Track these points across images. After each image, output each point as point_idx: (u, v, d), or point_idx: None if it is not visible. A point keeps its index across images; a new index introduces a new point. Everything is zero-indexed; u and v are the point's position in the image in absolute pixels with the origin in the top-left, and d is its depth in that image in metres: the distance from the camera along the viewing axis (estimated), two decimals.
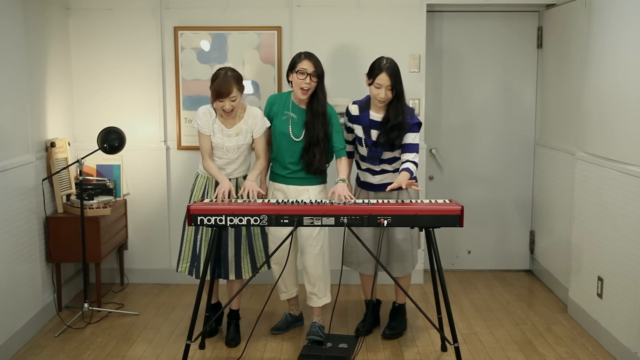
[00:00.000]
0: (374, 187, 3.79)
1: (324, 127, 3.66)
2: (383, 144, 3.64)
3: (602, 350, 3.71)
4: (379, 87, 3.55)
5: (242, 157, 3.76)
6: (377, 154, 3.68)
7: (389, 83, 3.53)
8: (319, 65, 3.62)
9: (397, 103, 3.59)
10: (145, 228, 4.85)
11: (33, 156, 3.99)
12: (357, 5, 4.67)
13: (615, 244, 3.60)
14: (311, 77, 3.60)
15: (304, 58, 3.62)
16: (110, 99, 4.73)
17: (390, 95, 3.57)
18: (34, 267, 3.99)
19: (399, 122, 3.58)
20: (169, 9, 4.68)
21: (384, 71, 3.52)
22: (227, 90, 3.53)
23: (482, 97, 5.07)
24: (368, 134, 3.69)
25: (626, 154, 3.49)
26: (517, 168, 5.14)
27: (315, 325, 3.83)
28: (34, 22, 4.07)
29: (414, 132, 3.63)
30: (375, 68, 3.57)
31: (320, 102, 3.65)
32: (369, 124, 3.68)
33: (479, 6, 4.87)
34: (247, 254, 3.78)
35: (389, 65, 3.54)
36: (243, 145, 3.71)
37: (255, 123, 3.70)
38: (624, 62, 3.52)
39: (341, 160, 3.72)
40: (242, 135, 3.69)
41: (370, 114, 3.68)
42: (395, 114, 3.58)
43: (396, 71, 3.55)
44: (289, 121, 3.70)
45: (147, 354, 3.69)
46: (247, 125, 3.69)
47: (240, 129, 3.69)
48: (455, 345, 3.37)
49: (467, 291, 4.76)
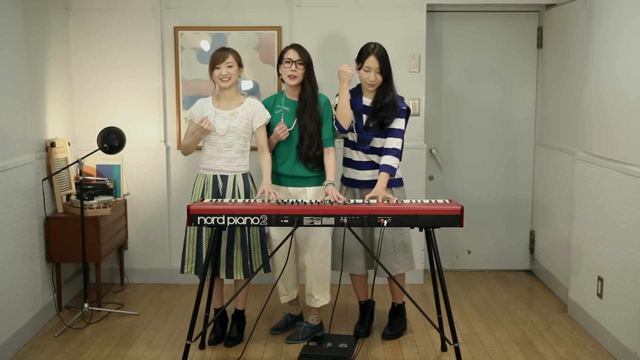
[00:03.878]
0: (359, 184, 3.79)
1: (313, 114, 3.68)
2: (373, 127, 3.67)
3: (602, 350, 3.71)
4: (368, 70, 3.62)
5: (235, 146, 3.68)
6: (368, 137, 3.69)
7: (378, 66, 3.60)
8: (304, 54, 3.68)
9: (386, 85, 3.66)
10: (145, 228, 4.85)
11: (33, 156, 3.99)
12: (357, 5, 4.67)
13: (615, 244, 3.60)
14: (297, 65, 3.65)
15: (290, 47, 3.71)
16: (110, 99, 4.73)
17: (379, 78, 3.63)
18: (34, 267, 3.99)
19: (387, 102, 3.63)
20: (169, 9, 4.68)
21: (372, 54, 3.60)
22: (223, 55, 3.63)
23: (482, 97, 5.07)
24: (360, 117, 3.72)
25: (626, 154, 3.49)
26: (517, 168, 5.14)
27: (302, 325, 3.84)
28: (34, 22, 4.07)
29: (401, 117, 3.67)
30: (363, 52, 3.65)
31: (307, 91, 3.68)
32: (360, 108, 3.72)
33: (479, 6, 4.87)
34: (240, 254, 3.71)
35: (377, 49, 3.62)
36: (236, 129, 3.65)
37: (255, 112, 3.68)
38: (623, 62, 3.52)
39: (328, 152, 3.72)
40: (238, 119, 3.65)
41: (363, 100, 3.73)
42: (383, 95, 3.65)
43: (384, 55, 3.63)
44: (281, 114, 3.74)
45: (147, 354, 3.69)
46: (245, 111, 3.67)
47: (237, 113, 3.66)
48: (455, 345, 3.37)
49: (467, 291, 4.76)
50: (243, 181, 3.72)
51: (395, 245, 3.77)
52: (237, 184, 3.70)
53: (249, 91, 4.72)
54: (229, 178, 3.69)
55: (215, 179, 3.69)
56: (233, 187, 3.68)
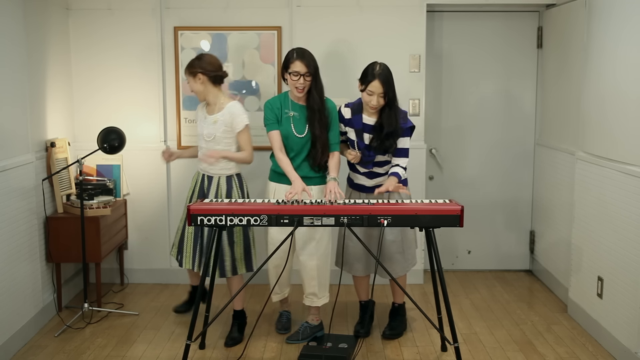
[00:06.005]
0: (365, 189, 3.81)
1: (321, 121, 3.67)
2: (376, 148, 3.65)
3: (602, 350, 3.72)
4: (371, 94, 3.54)
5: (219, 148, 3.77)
6: (370, 158, 3.69)
7: (382, 90, 3.52)
8: (311, 64, 3.61)
9: (390, 110, 3.58)
10: (145, 228, 4.85)
11: (33, 156, 3.99)
12: (357, 5, 4.67)
13: (615, 244, 3.60)
14: (304, 77, 3.60)
15: (295, 59, 3.60)
16: (110, 99, 4.73)
17: (382, 102, 3.57)
18: (34, 267, 3.99)
19: (393, 130, 3.59)
20: (169, 9, 4.68)
21: (377, 78, 3.50)
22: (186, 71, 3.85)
23: (482, 97, 5.07)
24: (361, 137, 3.69)
25: (626, 154, 3.49)
26: (517, 168, 5.14)
27: (302, 325, 3.84)
28: (34, 22, 4.07)
29: (406, 136, 3.65)
30: (368, 74, 3.55)
31: (314, 99, 3.66)
32: (361, 127, 3.69)
33: (479, 6, 4.88)
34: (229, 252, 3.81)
35: (381, 72, 3.52)
36: (215, 135, 3.76)
37: (233, 119, 3.74)
38: (623, 62, 3.52)
39: (333, 155, 3.73)
40: (217, 125, 3.76)
41: (363, 118, 3.69)
42: (389, 122, 3.59)
43: (389, 78, 3.53)
44: (290, 120, 3.71)
45: (147, 354, 3.69)
46: (224, 118, 3.75)
47: (217, 119, 3.75)
48: (455, 345, 3.37)
49: (467, 291, 4.76)
50: (226, 183, 3.81)
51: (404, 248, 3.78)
52: (220, 185, 3.81)
53: (249, 91, 4.72)
54: (214, 179, 3.82)
55: (204, 179, 3.85)
56: (217, 188, 3.80)
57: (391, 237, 3.76)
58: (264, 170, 4.04)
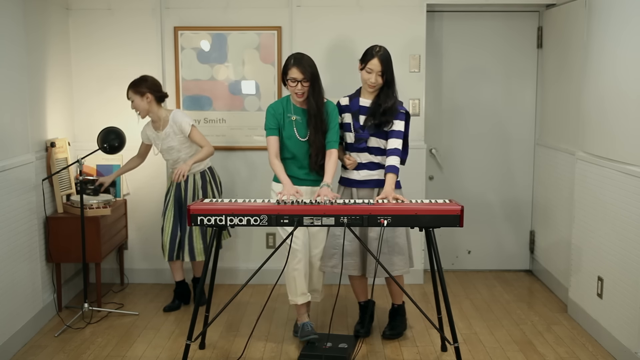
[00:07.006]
0: (354, 184, 3.78)
1: (317, 126, 3.68)
2: (370, 126, 3.69)
3: (602, 350, 3.72)
4: (370, 71, 3.64)
5: (181, 156, 4.20)
6: (364, 135, 3.71)
7: (380, 68, 3.62)
8: (307, 70, 3.59)
9: (388, 89, 3.69)
10: (145, 228, 4.85)
11: (33, 156, 3.99)
12: (357, 5, 4.67)
13: (615, 244, 3.60)
14: (302, 83, 3.61)
15: (292, 65, 3.60)
16: (110, 99, 4.73)
17: (380, 80, 3.65)
18: (34, 267, 3.99)
19: (390, 106, 3.65)
20: (169, 9, 4.68)
21: (376, 57, 3.63)
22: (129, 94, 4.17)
23: (482, 97, 5.07)
24: (356, 118, 3.74)
25: (626, 154, 3.49)
26: (517, 168, 5.14)
27: (307, 324, 3.83)
28: (34, 22, 4.07)
29: (401, 119, 3.69)
30: (367, 54, 3.68)
31: (311, 105, 3.66)
32: (357, 109, 3.75)
33: (479, 6, 4.88)
34: (187, 239, 4.25)
35: (381, 53, 3.65)
36: (173, 147, 4.18)
37: (179, 126, 4.12)
38: (623, 62, 3.52)
39: (330, 154, 3.68)
40: (170, 138, 4.15)
41: (360, 100, 3.76)
42: (385, 98, 3.67)
43: (388, 58, 3.66)
44: (292, 124, 3.72)
45: (147, 354, 3.69)
46: (172, 129, 4.14)
47: (168, 133, 4.15)
48: (455, 345, 3.37)
49: (467, 291, 4.76)
50: (201, 179, 4.25)
51: (389, 246, 3.76)
52: (196, 182, 4.24)
53: (249, 91, 4.72)
54: (189, 178, 4.24)
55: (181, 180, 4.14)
56: (193, 185, 4.24)
57: (373, 234, 3.73)
58: (264, 170, 4.05)
